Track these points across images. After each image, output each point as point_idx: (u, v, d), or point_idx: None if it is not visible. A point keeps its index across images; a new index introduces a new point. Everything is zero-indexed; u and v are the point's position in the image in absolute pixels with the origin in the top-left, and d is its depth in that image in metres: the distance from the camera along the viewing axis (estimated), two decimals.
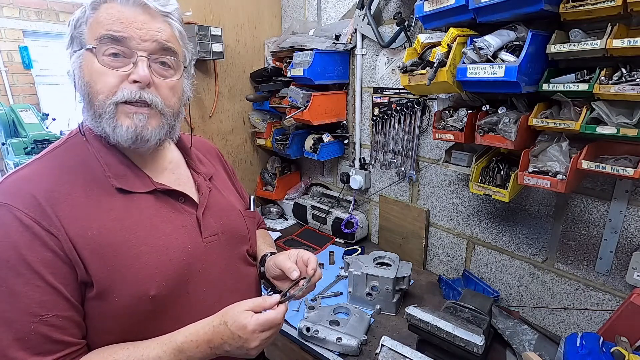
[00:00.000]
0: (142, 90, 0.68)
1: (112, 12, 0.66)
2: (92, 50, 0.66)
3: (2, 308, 0.59)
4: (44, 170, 0.68)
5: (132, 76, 0.67)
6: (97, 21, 0.67)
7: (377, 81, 1.78)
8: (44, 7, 3.84)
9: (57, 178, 0.67)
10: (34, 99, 3.86)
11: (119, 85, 0.67)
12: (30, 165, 0.70)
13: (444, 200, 1.63)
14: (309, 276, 0.81)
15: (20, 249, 0.60)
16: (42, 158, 0.71)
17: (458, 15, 1.13)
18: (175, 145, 0.88)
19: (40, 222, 0.62)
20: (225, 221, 0.85)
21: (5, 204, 0.62)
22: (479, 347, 1.00)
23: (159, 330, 0.72)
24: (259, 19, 2.09)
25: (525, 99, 1.17)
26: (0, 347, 0.58)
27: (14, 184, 0.66)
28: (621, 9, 0.86)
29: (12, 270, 0.59)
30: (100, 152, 0.72)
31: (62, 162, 0.70)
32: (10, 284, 0.59)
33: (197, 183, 0.85)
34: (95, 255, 0.65)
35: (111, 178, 0.71)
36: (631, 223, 1.12)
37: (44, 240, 0.61)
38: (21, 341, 0.59)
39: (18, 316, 0.59)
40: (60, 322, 0.62)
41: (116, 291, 0.66)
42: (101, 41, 0.66)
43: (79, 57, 0.68)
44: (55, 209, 0.64)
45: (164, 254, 0.71)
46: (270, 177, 2.31)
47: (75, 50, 0.69)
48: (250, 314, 0.69)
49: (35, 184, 0.65)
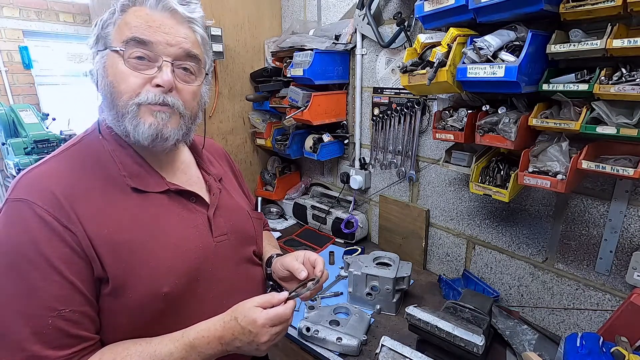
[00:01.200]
0: (164, 94, 0.69)
1: (141, 15, 0.68)
2: (118, 52, 0.67)
3: (21, 302, 0.60)
4: (62, 167, 0.69)
5: (156, 80, 0.68)
6: (125, 23, 0.68)
7: (377, 81, 1.78)
8: (44, 7, 3.84)
9: (74, 176, 0.68)
10: (34, 99, 3.86)
11: (142, 87, 0.68)
12: (47, 162, 0.71)
13: (444, 200, 1.63)
14: (317, 277, 0.82)
15: (39, 244, 0.61)
16: (59, 155, 0.72)
17: (458, 15, 1.13)
18: (186, 147, 0.90)
19: (59, 219, 0.63)
20: (234, 222, 0.87)
21: (25, 199, 0.63)
22: (479, 347, 1.00)
23: (169, 328, 0.73)
24: (259, 19, 2.09)
25: (525, 99, 1.17)
26: (17, 340, 0.59)
27: (33, 180, 0.66)
28: (621, 9, 0.86)
29: (31, 265, 0.60)
30: (115, 150, 0.73)
31: (79, 160, 0.71)
32: (29, 278, 0.60)
33: (208, 184, 0.87)
34: (112, 253, 0.66)
35: (126, 177, 0.72)
36: (631, 223, 1.12)
37: (63, 236, 0.62)
38: (38, 335, 0.60)
39: (36, 310, 0.60)
40: (76, 317, 0.63)
41: (130, 288, 0.67)
42: (128, 44, 0.67)
43: (103, 57, 0.69)
44: (73, 206, 0.65)
45: (177, 253, 0.73)
46: (270, 177, 2.31)
47: (99, 50, 0.70)
48: (260, 310, 0.71)
49: (53, 180, 0.66)
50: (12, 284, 0.60)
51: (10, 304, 0.60)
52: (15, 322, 0.59)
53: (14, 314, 0.60)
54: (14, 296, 0.60)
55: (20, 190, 0.65)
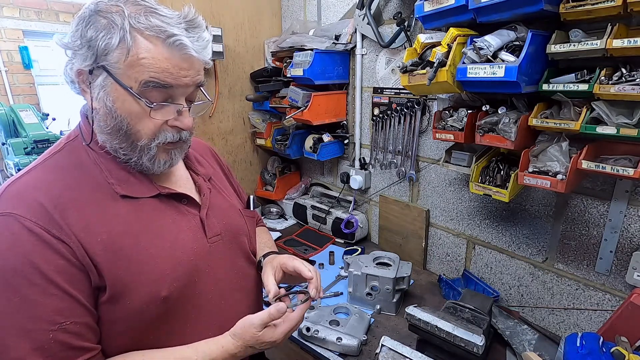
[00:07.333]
0: (180, 132, 0.72)
1: (157, 57, 0.63)
2: (133, 93, 0.64)
3: (18, 318, 0.58)
4: (47, 176, 0.67)
5: (177, 124, 0.70)
6: (138, 59, 0.62)
7: (377, 81, 1.78)
8: (44, 7, 3.85)
9: (61, 185, 0.66)
10: (34, 99, 3.86)
11: (160, 128, 0.69)
12: (30, 172, 0.68)
13: (444, 200, 1.63)
14: (309, 294, 0.84)
15: (32, 258, 0.59)
16: (42, 164, 0.70)
17: (458, 15, 1.13)
18: None
19: (50, 230, 0.61)
20: (227, 221, 0.86)
21: (12, 213, 0.61)
22: (479, 347, 1.00)
23: (168, 331, 0.73)
24: (259, 19, 2.09)
25: (525, 99, 1.17)
26: (18, 357, 0.57)
27: (18, 192, 0.64)
28: (621, 9, 0.86)
29: (25, 280, 0.59)
30: (100, 157, 0.71)
31: (63, 168, 0.69)
32: (24, 293, 0.59)
33: (198, 184, 0.86)
34: (108, 260, 0.65)
35: (114, 185, 0.70)
36: (631, 223, 1.12)
37: (56, 247, 0.61)
38: (40, 350, 0.58)
39: (36, 325, 0.59)
40: (78, 329, 0.62)
41: (129, 294, 0.66)
42: (146, 87, 0.64)
43: (105, 85, 0.64)
44: (63, 215, 0.63)
45: (172, 256, 0.72)
46: (270, 177, 2.31)
47: (97, 66, 0.63)
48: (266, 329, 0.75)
49: (40, 191, 0.64)
50: (8, 301, 0.58)
51: (8, 322, 0.58)
52: (15, 339, 0.58)
53: (13, 332, 0.58)
54: (12, 314, 0.58)
55: (6, 204, 0.62)
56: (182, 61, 0.65)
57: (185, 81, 0.67)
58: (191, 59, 0.66)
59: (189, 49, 0.64)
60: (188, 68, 0.66)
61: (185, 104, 0.70)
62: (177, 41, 0.63)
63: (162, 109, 0.67)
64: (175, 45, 0.63)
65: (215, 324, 0.79)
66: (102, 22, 0.62)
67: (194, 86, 0.70)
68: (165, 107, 0.68)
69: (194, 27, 0.67)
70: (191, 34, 0.66)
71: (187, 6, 0.67)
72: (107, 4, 0.63)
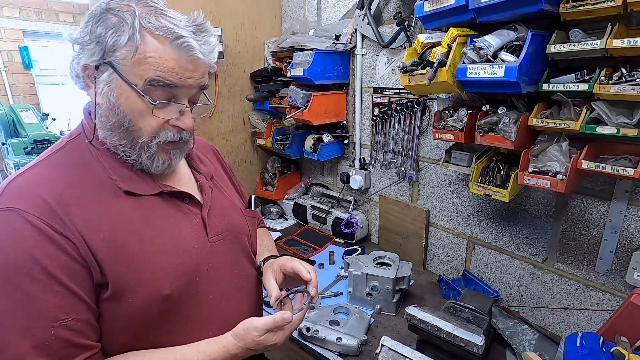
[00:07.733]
0: (180, 132, 0.72)
1: (164, 57, 0.64)
2: (137, 90, 0.64)
3: (19, 315, 0.58)
4: (50, 173, 0.67)
5: (178, 124, 0.70)
6: (145, 57, 0.63)
7: (377, 81, 1.78)
8: (44, 7, 3.85)
9: (64, 181, 0.66)
10: (34, 99, 3.86)
11: (161, 127, 0.70)
12: (33, 168, 0.68)
13: (444, 200, 1.63)
14: (310, 294, 0.84)
15: (35, 253, 0.59)
16: (45, 161, 0.70)
17: (458, 15, 1.13)
18: None
19: (53, 226, 0.61)
20: (228, 220, 0.86)
21: (15, 208, 0.60)
22: (479, 347, 1.00)
23: (169, 330, 0.73)
24: (259, 19, 2.09)
25: (525, 99, 1.17)
26: (18, 354, 0.57)
27: (20, 187, 0.64)
28: (621, 9, 0.86)
29: (27, 276, 0.58)
30: (103, 154, 0.72)
31: (66, 165, 0.70)
32: (25, 290, 0.58)
33: (200, 183, 0.86)
34: (111, 257, 0.65)
35: (117, 181, 0.71)
36: (631, 223, 1.12)
37: (59, 243, 0.61)
38: (40, 347, 0.58)
39: (36, 322, 0.58)
40: (79, 326, 0.62)
41: (131, 292, 0.66)
42: (151, 85, 0.65)
43: (110, 80, 0.65)
44: (66, 211, 0.63)
45: (174, 254, 0.73)
46: (270, 177, 2.31)
47: (104, 62, 0.64)
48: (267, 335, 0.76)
49: (43, 186, 0.64)
50: (9, 298, 0.58)
51: (8, 319, 0.58)
52: (15, 336, 0.57)
53: (14, 329, 0.58)
54: (13, 311, 0.58)
55: (8, 199, 0.62)
56: (188, 63, 0.66)
57: (189, 82, 0.68)
58: (197, 61, 0.68)
59: (195, 51, 0.66)
60: (193, 70, 0.68)
61: (187, 105, 0.70)
62: (184, 43, 0.64)
63: (164, 108, 0.68)
64: (183, 46, 0.65)
65: (216, 323, 0.79)
66: (113, 20, 0.63)
67: (198, 88, 0.71)
68: (168, 106, 0.68)
69: (202, 31, 0.68)
70: (199, 37, 0.67)
71: (196, 11, 0.69)
72: (118, 3, 0.65)
